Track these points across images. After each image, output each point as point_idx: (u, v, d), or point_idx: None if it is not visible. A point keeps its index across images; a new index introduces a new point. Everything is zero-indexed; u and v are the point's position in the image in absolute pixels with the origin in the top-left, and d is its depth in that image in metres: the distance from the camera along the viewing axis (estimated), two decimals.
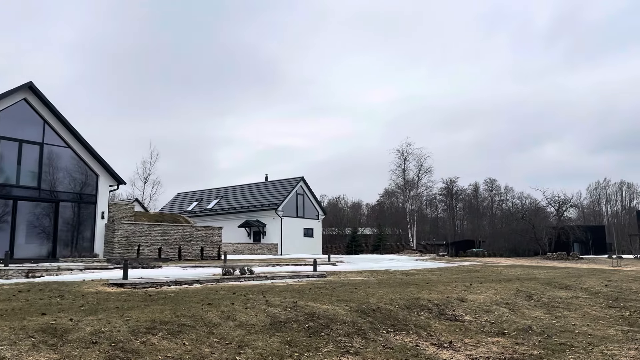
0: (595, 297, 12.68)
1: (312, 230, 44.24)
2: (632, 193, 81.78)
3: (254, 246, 38.74)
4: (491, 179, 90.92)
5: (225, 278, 13.89)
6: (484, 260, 37.56)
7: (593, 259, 41.07)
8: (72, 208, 23.89)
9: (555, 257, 39.73)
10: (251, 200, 44.08)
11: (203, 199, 48.42)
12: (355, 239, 53.44)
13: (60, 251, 22.92)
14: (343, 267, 22.77)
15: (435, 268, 22.73)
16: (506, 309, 10.73)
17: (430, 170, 52.60)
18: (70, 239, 23.43)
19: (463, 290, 12.38)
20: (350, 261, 27.54)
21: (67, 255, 22.73)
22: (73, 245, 23.48)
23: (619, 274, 19.27)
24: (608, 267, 29.83)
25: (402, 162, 50.77)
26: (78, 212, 24.56)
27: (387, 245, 51.47)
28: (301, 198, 43.84)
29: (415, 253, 40.94)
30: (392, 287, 12.66)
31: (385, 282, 14.45)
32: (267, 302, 9.04)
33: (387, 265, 24.52)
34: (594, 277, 16.83)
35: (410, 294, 11.29)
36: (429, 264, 26.55)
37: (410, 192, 52.16)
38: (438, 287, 12.65)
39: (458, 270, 21.47)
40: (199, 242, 28.21)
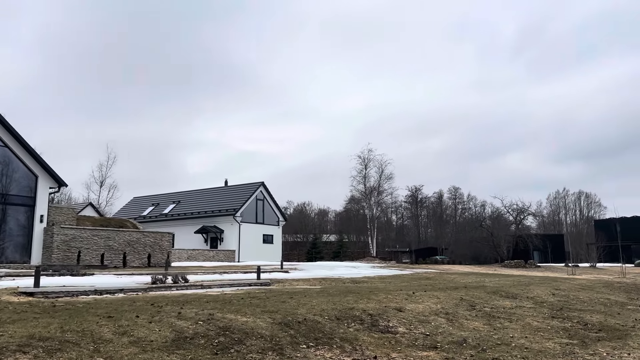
0: (540, 306, 12.27)
1: (272, 237, 43.30)
2: (590, 203, 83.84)
3: (210, 253, 37.55)
4: (455, 187, 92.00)
5: (154, 287, 12.92)
6: (443, 267, 37.37)
7: (550, 267, 41.43)
8: (5, 210, 22.41)
9: (513, 265, 39.87)
10: (209, 205, 42.86)
11: (159, 204, 46.89)
12: (316, 245, 52.71)
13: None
14: (295, 274, 21.98)
15: (389, 275, 22.20)
16: (445, 319, 10.15)
17: (391, 177, 52.47)
18: (1, 244, 21.93)
19: (404, 299, 11.78)
20: (304, 268, 26.77)
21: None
22: (1, 251, 21.97)
23: (569, 283, 19.11)
24: (563, 275, 29.93)
25: (364, 169, 50.48)
26: (13, 215, 23.07)
27: (348, 252, 50.91)
28: (261, 203, 42.89)
29: (375, 260, 40.46)
30: (332, 295, 11.97)
31: (328, 290, 13.75)
32: (179, 314, 8.19)
33: (340, 273, 23.87)
34: (543, 286, 16.55)
35: (346, 303, 10.61)
36: (384, 271, 26.02)
37: (372, 199, 51.81)
38: (379, 296, 12.02)
39: (411, 277, 20.99)
40: (146, 248, 26.97)
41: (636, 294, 16.52)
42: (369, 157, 50.85)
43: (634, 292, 17.10)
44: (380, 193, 64.02)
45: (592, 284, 19.14)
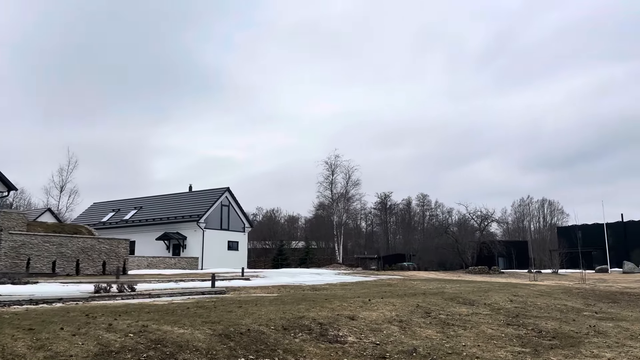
0: (496, 313, 12.08)
1: (237, 244, 42.51)
2: (553, 210, 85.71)
3: (172, 260, 36.54)
4: (423, 194, 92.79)
5: (97, 296, 12.22)
6: (409, 274, 37.32)
7: (513, 273, 41.89)
8: None
9: (477, 271, 40.15)
10: (172, 211, 41.81)
11: (120, 210, 45.51)
12: (283, 252, 52.09)
13: None
14: (255, 282, 21.42)
15: (351, 282, 21.88)
16: (397, 327, 9.82)
17: (358, 183, 52.33)
18: None
19: (359, 307, 11.42)
20: (267, 276, 26.22)
21: None
22: None
23: (529, 289, 19.12)
24: (524, 281, 30.17)
25: (330, 174, 50.16)
26: None
27: (315, 259, 50.49)
28: (226, 209, 42.08)
29: (342, 267, 40.13)
30: (285, 304, 11.52)
31: (283, 298, 13.29)
32: (110, 325, 7.60)
33: (303, 280, 23.46)
34: (502, 292, 16.46)
35: (297, 312, 10.17)
36: (348, 278, 25.71)
37: (338, 205, 51.53)
38: (334, 304, 11.63)
39: (373, 284, 20.71)
40: (101, 255, 25.96)
41: (593, 300, 16.59)
42: (336, 163, 50.65)
43: (591, 298, 17.18)
44: (349, 199, 63.95)
45: (551, 290, 19.20)
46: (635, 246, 59.96)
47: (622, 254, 58.89)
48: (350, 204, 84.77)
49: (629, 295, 18.93)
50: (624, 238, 64.21)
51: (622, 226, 65.52)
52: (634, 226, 64.97)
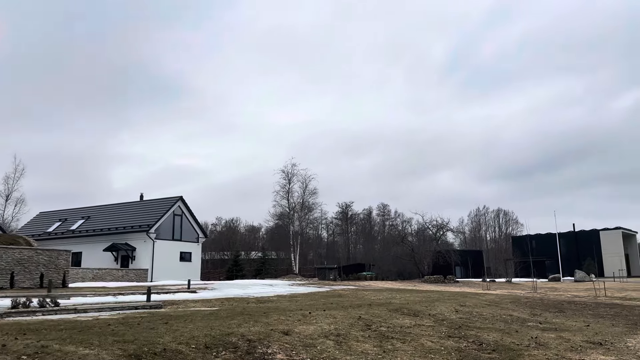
0: (439, 324, 11.73)
1: (190, 254, 41.21)
2: (509, 220, 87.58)
3: (119, 272, 35.02)
4: (383, 204, 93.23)
5: (14, 312, 11.19)
6: (365, 283, 37.00)
7: (468, 282, 42.20)
8: None
9: (432, 280, 40.23)
10: (121, 221, 40.19)
11: (67, 219, 43.48)
12: (238, 263, 50.92)
13: None
14: (201, 294, 20.55)
15: (301, 293, 21.28)
16: (333, 342, 9.28)
17: (315, 192, 51.84)
18: None
19: (297, 320, 10.85)
20: (217, 288, 25.32)
21: None
22: None
23: (479, 298, 19.00)
24: (478, 290, 30.27)
25: (287, 183, 49.46)
26: None
27: (271, 270, 49.57)
28: (179, 219, 40.78)
29: (297, 277, 39.46)
30: (219, 319, 10.83)
31: (220, 312, 12.56)
32: (3, 347, 6.77)
33: (253, 292, 22.73)
34: (450, 302, 16.21)
35: (227, 327, 9.51)
36: (300, 289, 25.11)
37: (295, 214, 50.88)
38: (271, 317, 11.01)
39: (323, 295, 20.16)
40: (39, 267, 24.49)
41: (540, 309, 16.54)
42: (293, 171, 50.01)
43: (538, 307, 17.15)
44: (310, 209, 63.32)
45: (500, 300, 19.14)
46: (586, 255, 61.77)
47: (574, 263, 60.51)
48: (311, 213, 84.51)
49: (576, 305, 19.07)
50: (576, 247, 66.14)
51: (573, 236, 67.49)
52: (585, 236, 67.05)
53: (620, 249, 63.93)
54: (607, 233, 65.62)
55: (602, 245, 64.85)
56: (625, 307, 18.55)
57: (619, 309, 18.00)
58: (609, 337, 11.07)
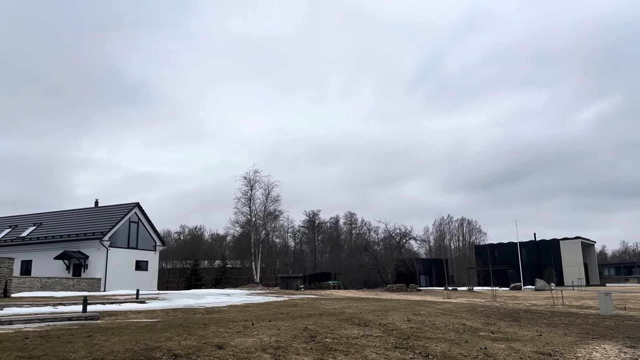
0: (388, 335, 11.23)
1: (146, 263, 39.81)
2: (472, 229, 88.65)
3: (70, 281, 33.41)
4: (350, 212, 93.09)
5: None
6: (327, 292, 36.43)
7: (430, 291, 42.13)
8: None
9: (395, 289, 39.96)
10: (74, 228, 38.53)
11: (17, 226, 41.48)
12: (197, 272, 49.54)
13: None
14: (151, 305, 19.56)
15: (256, 303, 20.53)
16: (271, 355, 8.65)
17: (278, 199, 50.94)
18: None
19: (237, 332, 10.17)
20: (169, 298, 24.28)
21: None
22: None
23: (435, 307, 18.66)
24: (438, 298, 30.10)
25: (249, 190, 48.41)
26: None
27: (232, 279, 48.43)
28: (135, 227, 39.37)
29: (258, 287, 38.57)
30: (151, 331, 10.05)
31: (157, 324, 11.76)
32: None
33: (206, 302, 21.85)
34: (404, 311, 15.78)
35: (154, 341, 8.75)
36: (257, 299, 24.33)
37: (257, 222, 49.92)
38: (209, 329, 10.30)
39: (277, 305, 19.48)
40: None
41: (495, 318, 16.28)
42: (255, 178, 49.01)
43: (493, 316, 16.89)
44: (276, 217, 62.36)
45: (457, 308, 18.84)
46: (547, 264, 62.78)
47: (535, 272, 61.43)
48: (277, 221, 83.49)
49: (532, 313, 18.93)
50: (537, 256, 67.21)
51: (534, 245, 68.59)
52: (546, 245, 68.24)
53: (579, 259, 65.29)
54: (567, 243, 66.97)
55: (562, 255, 66.12)
56: (579, 316, 18.51)
57: (574, 317, 17.94)
58: (559, 347, 10.79)
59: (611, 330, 14.21)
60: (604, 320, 16.78)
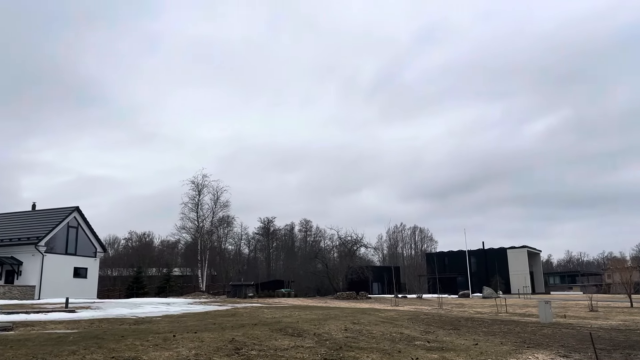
0: (320, 345, 10.72)
1: (85, 270, 37.90)
2: (424, 237, 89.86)
3: (1, 289, 31.33)
4: (306, 219, 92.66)
5: None
6: (276, 300, 35.71)
7: (380, 298, 42.06)
8: None
9: (345, 297, 39.66)
10: (7, 232, 36.29)
11: None
12: (140, 280, 47.65)
13: None
14: (80, 314, 18.36)
15: (195, 313, 19.63)
16: None
17: (227, 205, 49.76)
18: None
19: (154, 345, 9.41)
20: (103, 307, 22.99)
21: None
22: None
23: (378, 315, 18.33)
24: (386, 306, 29.92)
25: (197, 195, 47.02)
26: None
27: (176, 287, 46.86)
28: (74, 232, 37.45)
29: (203, 295, 37.39)
30: (58, 344, 9.18)
31: (69, 336, 10.80)
32: None
33: (142, 311, 20.76)
34: (345, 319, 15.34)
35: (55, 355, 7.92)
36: (198, 308, 23.37)
37: (204, 228, 48.57)
38: (125, 342, 9.50)
39: (217, 314, 18.66)
40: None
41: (435, 327, 16.06)
42: (204, 182, 47.65)
43: (435, 324, 16.69)
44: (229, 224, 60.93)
45: (400, 316, 18.57)
46: (495, 272, 64.11)
47: (483, 280, 62.60)
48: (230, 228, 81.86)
49: (474, 321, 18.89)
50: (485, 265, 68.62)
51: (483, 253, 70.03)
52: (494, 254, 69.78)
53: (525, 267, 67.05)
54: (514, 251, 68.69)
55: (509, 263, 67.73)
56: (519, 324, 18.60)
57: (514, 325, 17.99)
58: (492, 357, 10.56)
59: (547, 339, 14.22)
60: (542, 329, 16.87)
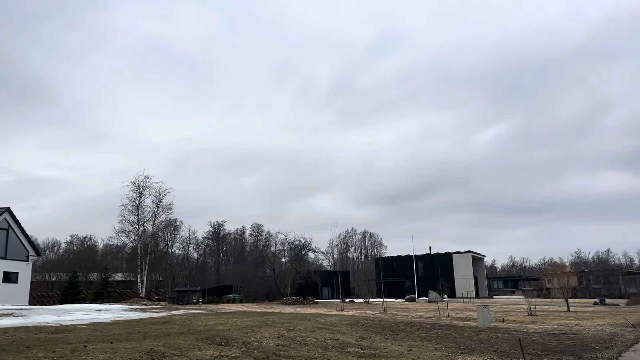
0: (246, 355, 10.17)
1: (16, 275, 35.66)
2: (374, 242, 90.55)
3: None
4: (257, 224, 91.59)
5: None
6: (220, 307, 34.75)
7: (327, 303, 41.74)
8: None
9: (291, 302, 39.09)
10: None
11: None
12: (76, 285, 45.34)
13: None
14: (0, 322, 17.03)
15: (126, 320, 18.60)
16: None
17: (170, 207, 48.15)
18: None
19: (59, 357, 8.60)
20: (28, 314, 21.51)
21: None
22: None
23: (317, 321, 17.92)
24: (331, 311, 29.61)
25: (138, 197, 45.18)
26: None
27: (115, 293, 44.93)
28: (4, 234, 35.16)
29: (142, 301, 35.93)
30: None
31: None
32: None
33: (70, 319, 19.54)
34: (280, 326, 14.83)
35: None
36: (131, 315, 22.25)
37: (145, 231, 46.83)
38: (25, 354, 8.65)
39: (146, 322, 17.72)
40: None
41: (373, 332, 15.81)
42: (145, 184, 45.87)
43: (373, 330, 16.44)
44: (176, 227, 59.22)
45: (340, 322, 18.23)
46: (441, 276, 65.23)
47: (430, 284, 63.53)
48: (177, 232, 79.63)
49: (413, 326, 18.80)
50: (432, 269, 69.73)
51: (430, 258, 71.17)
52: (440, 258, 71.04)
53: (470, 271, 68.58)
54: (459, 256, 70.17)
55: (455, 268, 69.10)
56: (457, 329, 18.65)
57: (452, 330, 18.01)
58: None
59: (482, 344, 14.21)
60: (479, 334, 16.93)
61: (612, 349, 14.08)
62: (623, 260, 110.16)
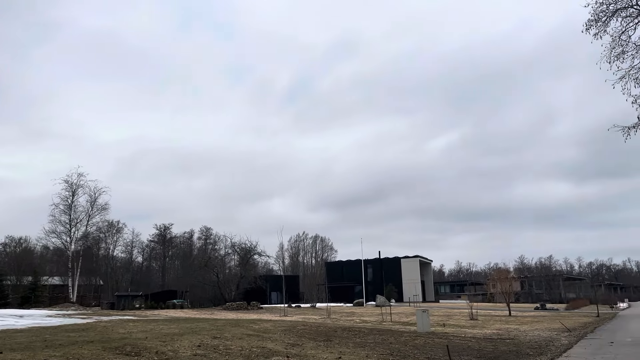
0: None
1: None
2: (325, 247, 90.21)
3: None
4: (206, 227, 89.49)
5: None
6: (157, 312, 33.24)
7: (272, 308, 40.83)
8: None
9: (235, 307, 37.96)
10: None
11: None
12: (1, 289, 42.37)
13: None
14: None
15: (41, 327, 17.12)
16: None
17: (105, 208, 45.83)
18: None
19: None
20: None
21: None
22: None
23: (251, 327, 17.07)
24: (274, 316, 28.75)
25: (70, 196, 42.64)
26: None
27: (43, 297, 42.32)
28: None
29: (72, 307, 33.92)
30: None
31: None
32: None
33: None
34: (205, 333, 13.90)
35: None
36: (53, 321, 20.67)
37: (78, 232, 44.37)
38: None
39: (64, 329, 16.31)
40: None
41: (307, 338, 15.08)
42: (79, 182, 43.39)
43: (307, 336, 15.72)
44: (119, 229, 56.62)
45: (275, 328, 17.41)
46: (389, 281, 65.48)
47: (379, 288, 63.60)
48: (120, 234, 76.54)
49: (351, 332, 18.22)
50: (381, 274, 69.94)
51: (379, 263, 71.38)
52: (389, 263, 71.39)
53: (417, 276, 69.21)
54: (407, 261, 70.72)
55: (403, 272, 69.56)
56: (395, 334, 18.22)
57: (389, 335, 17.54)
58: None
59: (417, 350, 13.75)
60: (416, 339, 16.53)
61: (545, 354, 13.94)
62: (564, 267, 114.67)
